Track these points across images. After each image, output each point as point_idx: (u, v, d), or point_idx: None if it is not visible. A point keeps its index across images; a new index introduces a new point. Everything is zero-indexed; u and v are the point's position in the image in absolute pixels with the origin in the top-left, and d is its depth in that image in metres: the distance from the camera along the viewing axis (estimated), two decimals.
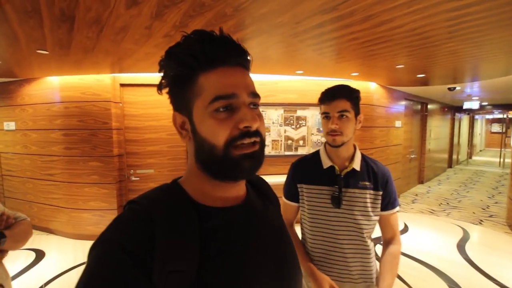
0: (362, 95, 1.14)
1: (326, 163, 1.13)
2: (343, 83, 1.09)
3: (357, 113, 1.08)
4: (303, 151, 4.17)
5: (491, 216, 4.66)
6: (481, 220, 4.45)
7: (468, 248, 3.43)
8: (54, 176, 3.66)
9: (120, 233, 0.43)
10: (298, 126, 4.15)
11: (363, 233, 1.07)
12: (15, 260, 3.08)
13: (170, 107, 0.53)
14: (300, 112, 4.14)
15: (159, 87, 0.51)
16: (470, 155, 12.23)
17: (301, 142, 4.18)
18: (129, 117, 3.64)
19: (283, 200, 1.20)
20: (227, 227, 0.49)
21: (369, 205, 1.08)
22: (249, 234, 0.51)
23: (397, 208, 1.13)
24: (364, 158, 1.14)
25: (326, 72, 3.63)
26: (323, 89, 1.10)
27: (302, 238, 1.22)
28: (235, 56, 0.49)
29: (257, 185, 0.63)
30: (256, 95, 0.50)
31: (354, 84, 1.31)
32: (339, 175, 1.09)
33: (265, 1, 1.53)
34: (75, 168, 3.50)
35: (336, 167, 1.10)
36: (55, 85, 3.57)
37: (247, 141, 0.47)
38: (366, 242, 1.09)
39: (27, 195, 3.94)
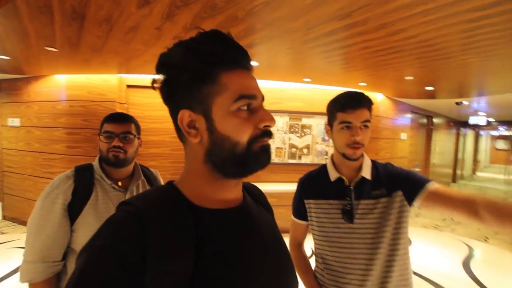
0: None
1: (333, 175, 1.03)
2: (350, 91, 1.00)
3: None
4: (306, 160, 4.12)
5: (496, 233, 4.55)
6: (487, 237, 4.34)
7: (474, 266, 3.32)
8: (55, 174, 3.58)
9: (111, 236, 0.42)
10: (303, 134, 4.11)
11: (389, 250, 0.93)
12: (8, 259, 3.02)
13: None
14: (305, 121, 4.10)
15: (167, 83, 0.49)
16: (474, 171, 12.11)
17: (305, 151, 4.13)
18: None
19: (292, 219, 1.14)
20: (223, 228, 0.48)
21: (391, 215, 0.94)
22: (246, 236, 0.51)
23: (432, 183, 0.91)
24: (374, 165, 1.03)
25: (334, 81, 3.61)
26: (330, 98, 1.01)
27: (315, 260, 1.09)
28: (247, 60, 0.51)
29: (251, 192, 0.63)
30: (263, 99, 0.53)
31: None
32: (348, 186, 0.99)
33: (278, 5, 1.51)
34: None
35: (345, 178, 1.01)
36: (61, 83, 3.57)
37: (267, 139, 0.49)
38: (395, 260, 0.93)
39: (26, 192, 3.91)
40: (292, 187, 1.18)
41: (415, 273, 3.06)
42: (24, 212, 3.96)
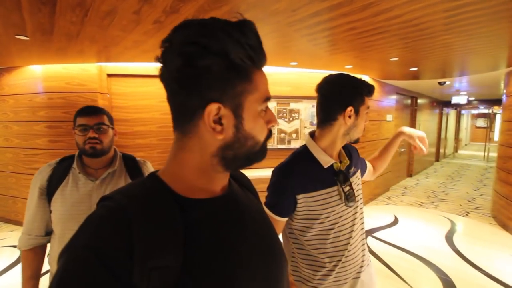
0: None
1: (326, 161, 0.98)
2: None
3: None
4: (295, 145, 4.14)
5: (476, 208, 4.80)
6: (468, 212, 4.57)
7: (456, 239, 3.51)
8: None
9: (92, 235, 0.39)
10: (291, 119, 4.11)
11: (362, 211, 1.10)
12: None
13: (161, 99, 0.48)
14: (293, 105, 4.09)
15: (211, 67, 0.42)
16: (456, 149, 12.56)
17: (294, 136, 4.15)
18: (117, 109, 3.50)
19: (273, 217, 0.97)
20: (210, 218, 0.47)
21: (361, 185, 1.11)
22: (234, 224, 0.50)
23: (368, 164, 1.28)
24: (344, 145, 1.12)
25: (320, 64, 3.58)
26: (317, 82, 0.98)
27: (297, 260, 1.04)
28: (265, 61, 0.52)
29: (234, 176, 0.62)
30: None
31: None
32: (342, 171, 1.00)
33: None
34: None
35: (337, 163, 1.01)
36: (37, 75, 3.38)
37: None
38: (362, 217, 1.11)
39: (10, 190, 3.77)
40: None
41: (402, 249, 3.21)
42: (10, 210, 3.84)
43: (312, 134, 1.05)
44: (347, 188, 0.98)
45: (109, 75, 3.45)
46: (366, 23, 2.00)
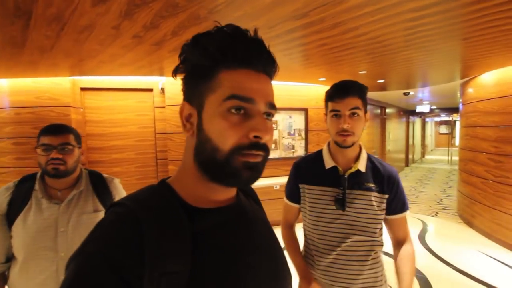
0: None
1: (328, 163, 1.06)
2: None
3: (365, 110, 1.01)
4: (274, 155, 4.23)
5: (444, 208, 5.14)
6: (437, 212, 4.88)
7: (428, 238, 3.73)
8: None
9: (102, 241, 0.40)
10: None
11: (370, 238, 1.01)
12: None
13: (139, 112, 0.52)
14: None
15: (175, 71, 0.48)
16: (423, 155, 13.40)
17: (273, 146, 4.24)
18: (91, 123, 3.40)
19: (284, 201, 1.18)
20: (218, 227, 0.47)
21: (376, 208, 1.00)
22: (241, 234, 0.50)
23: (407, 212, 1.07)
24: (370, 159, 1.07)
25: (295, 77, 3.75)
26: (293, 94, 1.07)
27: (304, 241, 1.15)
28: (263, 62, 0.47)
29: (243, 189, 0.63)
30: (273, 107, 0.47)
31: (321, 89, 1.30)
32: (343, 176, 1.02)
33: (240, 5, 1.55)
34: None
35: (340, 168, 1.04)
36: (3, 89, 3.20)
37: (254, 153, 0.44)
38: (374, 248, 1.03)
39: None
40: (263, 182, 1.23)
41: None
42: None
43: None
44: (340, 192, 1.01)
45: (83, 89, 3.35)
46: (336, 39, 2.17)
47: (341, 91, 0.98)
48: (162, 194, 0.47)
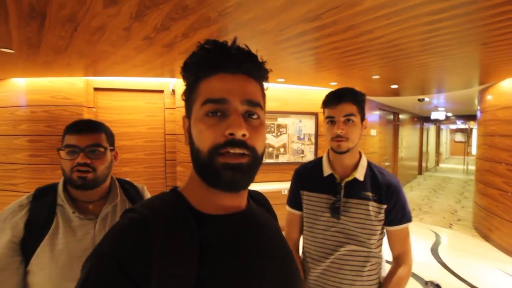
0: None
1: (326, 170, 1.07)
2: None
3: (362, 117, 1.01)
4: (283, 159, 4.18)
5: (459, 220, 4.94)
6: (451, 224, 4.69)
7: (441, 251, 3.58)
8: (17, 186, 3.35)
9: (114, 244, 0.42)
10: (279, 133, 4.17)
11: (365, 249, 0.99)
12: None
13: (150, 113, 0.53)
14: (280, 120, 4.16)
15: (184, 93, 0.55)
16: (437, 163, 13.01)
17: (281, 150, 4.19)
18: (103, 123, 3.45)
19: (287, 209, 1.17)
20: (227, 233, 0.48)
21: (373, 218, 0.98)
22: (250, 240, 0.51)
23: (406, 224, 1.02)
24: (370, 167, 1.05)
25: (306, 81, 3.70)
26: (303, 97, 1.08)
27: (302, 248, 1.15)
28: (236, 63, 0.48)
29: (256, 198, 0.64)
30: (254, 104, 0.48)
31: None
32: (339, 183, 1.02)
33: (250, 7, 1.53)
34: (42, 177, 3.21)
35: (337, 176, 1.04)
36: (21, 88, 3.31)
37: (231, 150, 0.44)
38: (369, 260, 1.00)
39: None
40: (271, 186, 1.22)
41: (388, 261, 3.23)
42: None
43: None
44: (335, 199, 1.02)
45: (96, 89, 3.42)
46: (348, 43, 2.11)
47: (335, 98, 1.00)
48: (173, 201, 0.49)
